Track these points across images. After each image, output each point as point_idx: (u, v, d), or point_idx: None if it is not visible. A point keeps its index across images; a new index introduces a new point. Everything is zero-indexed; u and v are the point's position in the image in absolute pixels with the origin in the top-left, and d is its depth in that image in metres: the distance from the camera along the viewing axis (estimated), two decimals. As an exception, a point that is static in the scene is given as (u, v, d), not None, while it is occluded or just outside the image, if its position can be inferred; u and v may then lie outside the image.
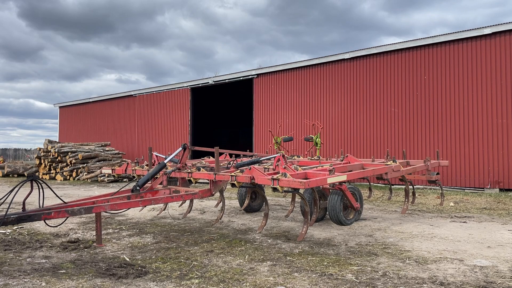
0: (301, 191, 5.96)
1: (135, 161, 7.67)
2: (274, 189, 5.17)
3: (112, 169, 7.29)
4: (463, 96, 12.43)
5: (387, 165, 6.87)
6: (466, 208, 8.67)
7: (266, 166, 6.40)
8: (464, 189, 12.19)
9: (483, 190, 11.84)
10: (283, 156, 5.89)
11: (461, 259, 4.55)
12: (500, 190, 11.66)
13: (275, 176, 5.12)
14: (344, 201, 6.53)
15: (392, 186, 9.65)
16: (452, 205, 9.10)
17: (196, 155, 19.53)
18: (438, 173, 7.90)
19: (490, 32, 11.87)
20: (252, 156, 9.07)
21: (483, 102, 12.07)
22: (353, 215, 6.69)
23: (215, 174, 5.77)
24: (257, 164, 7.03)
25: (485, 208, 8.58)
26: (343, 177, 5.61)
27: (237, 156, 8.39)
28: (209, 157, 8.49)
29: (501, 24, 11.75)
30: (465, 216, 7.54)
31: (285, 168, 5.63)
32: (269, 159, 6.98)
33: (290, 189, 5.30)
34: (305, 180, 4.99)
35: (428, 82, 13.06)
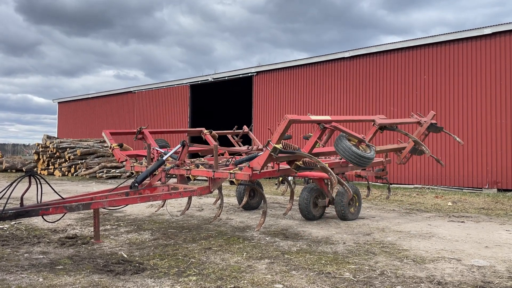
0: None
1: (138, 129, 7.44)
2: (274, 150, 5.19)
3: (112, 147, 7.06)
4: (462, 96, 12.43)
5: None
6: (464, 208, 8.69)
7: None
8: (462, 189, 12.21)
9: (481, 190, 11.85)
10: None
11: (458, 259, 4.56)
12: (498, 190, 11.68)
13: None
14: (351, 141, 6.00)
15: (391, 185, 9.66)
16: (450, 204, 9.11)
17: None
18: (436, 122, 7.66)
19: (490, 32, 11.87)
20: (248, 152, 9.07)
21: (482, 102, 12.08)
22: (370, 149, 6.07)
23: (214, 171, 5.76)
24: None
25: (483, 208, 8.60)
26: (328, 117, 5.69)
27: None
28: (211, 132, 8.38)
29: (501, 24, 11.75)
30: (463, 216, 7.55)
31: None
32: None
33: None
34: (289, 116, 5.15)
35: (428, 82, 13.06)
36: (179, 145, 6.39)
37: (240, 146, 9.49)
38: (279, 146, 5.20)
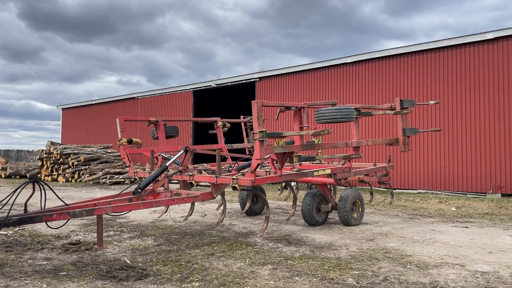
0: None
1: (155, 119, 7.46)
2: (261, 134, 5.25)
3: (120, 142, 6.98)
4: (465, 101, 12.41)
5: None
6: (468, 213, 8.65)
7: (267, 169, 6.41)
8: (466, 194, 12.16)
9: (485, 195, 11.81)
10: (273, 160, 5.98)
11: (462, 264, 4.54)
12: (502, 195, 11.63)
13: None
14: None
15: (394, 190, 9.64)
16: (454, 210, 9.07)
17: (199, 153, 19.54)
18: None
19: (492, 37, 11.87)
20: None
21: (485, 107, 12.06)
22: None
23: (217, 177, 5.77)
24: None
25: (487, 213, 8.56)
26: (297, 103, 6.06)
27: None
28: (225, 124, 8.49)
29: (504, 29, 11.76)
30: (467, 221, 7.52)
31: None
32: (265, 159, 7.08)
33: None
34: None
35: (431, 87, 13.06)
36: (182, 151, 6.41)
37: (249, 135, 9.55)
38: (263, 129, 5.28)
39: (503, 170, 11.66)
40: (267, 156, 6.50)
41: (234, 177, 5.63)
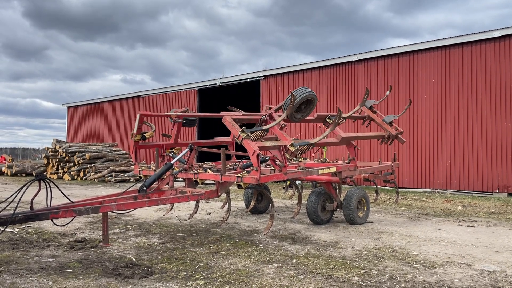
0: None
1: (176, 119, 7.56)
2: (244, 134, 5.43)
3: (133, 137, 6.88)
4: (471, 99, 12.33)
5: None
6: (474, 212, 8.60)
7: (272, 168, 6.40)
8: (472, 193, 12.09)
9: (491, 194, 11.73)
10: (274, 161, 5.99)
11: (468, 264, 4.51)
12: (509, 194, 11.55)
13: None
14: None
15: (399, 189, 9.59)
16: (460, 209, 9.02)
17: (204, 152, 19.56)
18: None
19: (499, 35, 11.78)
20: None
21: (492, 105, 11.97)
22: None
23: (222, 175, 5.77)
24: (263, 165, 7.05)
25: (494, 213, 8.50)
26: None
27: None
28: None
29: (511, 27, 11.65)
30: (473, 220, 7.47)
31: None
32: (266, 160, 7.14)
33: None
34: None
35: (437, 85, 12.98)
36: (187, 149, 6.42)
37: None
38: (243, 129, 5.47)
39: (509, 169, 11.57)
40: (268, 157, 6.53)
41: (239, 175, 5.62)
